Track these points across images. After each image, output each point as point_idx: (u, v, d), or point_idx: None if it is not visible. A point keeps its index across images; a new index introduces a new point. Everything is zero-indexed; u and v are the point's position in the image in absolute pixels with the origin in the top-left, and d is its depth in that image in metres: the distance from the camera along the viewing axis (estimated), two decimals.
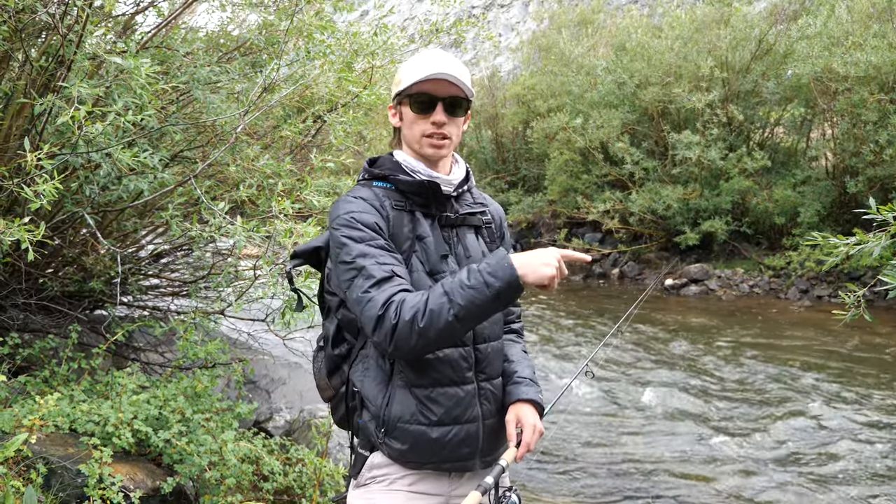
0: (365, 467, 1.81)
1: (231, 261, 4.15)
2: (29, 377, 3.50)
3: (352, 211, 1.74)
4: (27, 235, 2.44)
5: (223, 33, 4.59)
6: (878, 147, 11.17)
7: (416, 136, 1.81)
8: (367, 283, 1.65)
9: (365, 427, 1.80)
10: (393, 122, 1.88)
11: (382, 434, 1.76)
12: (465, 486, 1.84)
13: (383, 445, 1.77)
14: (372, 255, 1.69)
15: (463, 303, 1.57)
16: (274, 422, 4.87)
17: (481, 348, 1.83)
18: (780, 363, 7.90)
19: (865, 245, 2.71)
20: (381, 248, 1.71)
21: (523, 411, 1.85)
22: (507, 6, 31.90)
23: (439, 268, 1.79)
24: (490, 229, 1.98)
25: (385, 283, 1.65)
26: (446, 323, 1.58)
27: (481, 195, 2.02)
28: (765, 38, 13.55)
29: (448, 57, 1.82)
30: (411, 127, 1.81)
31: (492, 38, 6.66)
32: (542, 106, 16.82)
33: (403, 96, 1.81)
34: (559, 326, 10.09)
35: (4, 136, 3.31)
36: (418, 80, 1.76)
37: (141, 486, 3.01)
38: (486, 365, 1.84)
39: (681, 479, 4.96)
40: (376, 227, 1.73)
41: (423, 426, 1.73)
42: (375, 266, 1.66)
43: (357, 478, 1.84)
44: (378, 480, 1.80)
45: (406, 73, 1.80)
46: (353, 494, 1.86)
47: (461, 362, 1.78)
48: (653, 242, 14.66)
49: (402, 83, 1.80)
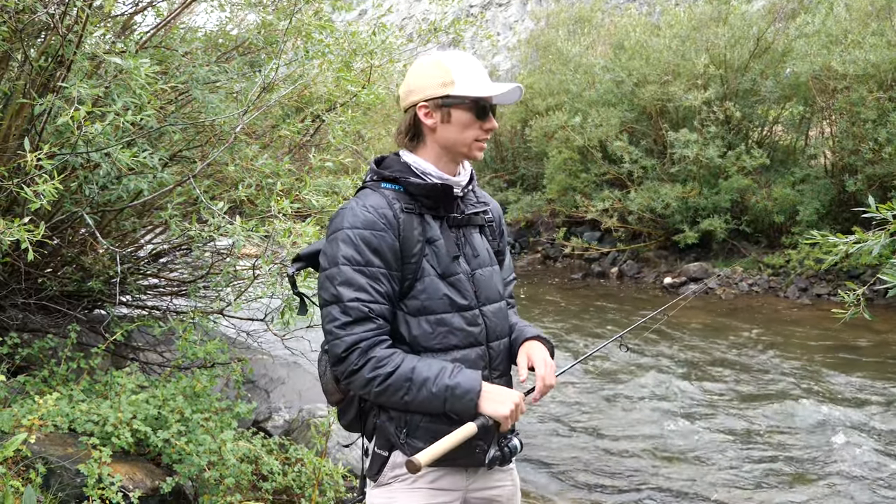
0: (387, 467, 1.83)
1: (230, 260, 4.15)
2: (28, 377, 3.50)
3: (358, 226, 1.72)
4: (27, 235, 2.44)
5: (222, 33, 4.58)
6: (877, 145, 11.16)
7: (467, 140, 1.81)
8: (339, 318, 1.70)
9: (383, 428, 1.82)
10: (429, 123, 1.81)
11: (404, 435, 1.78)
12: (480, 480, 1.89)
13: (405, 446, 1.78)
14: (357, 286, 1.70)
15: (418, 398, 1.69)
16: (273, 421, 4.87)
17: (494, 346, 1.89)
18: (780, 361, 7.91)
19: (865, 243, 2.71)
20: (373, 277, 1.71)
21: (533, 348, 1.90)
22: (506, 5, 31.88)
23: (451, 270, 1.81)
24: (491, 227, 2.02)
25: (355, 325, 1.70)
26: (397, 401, 1.71)
27: (482, 193, 2.04)
28: (763, 36, 13.54)
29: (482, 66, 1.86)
30: (463, 131, 1.80)
31: (490, 36, 6.67)
32: (541, 105, 16.80)
33: (460, 100, 1.78)
34: (560, 326, 10.10)
35: (4, 136, 3.31)
36: (497, 94, 1.78)
37: (140, 486, 3.01)
38: (499, 362, 1.90)
39: (676, 475, 4.96)
40: (380, 248, 1.72)
41: (444, 426, 1.74)
42: (354, 301, 1.69)
43: (377, 478, 1.85)
44: (401, 479, 1.82)
45: (465, 79, 1.78)
46: (372, 493, 1.88)
47: (479, 362, 1.83)
48: (652, 241, 14.67)
49: (458, 87, 1.78)
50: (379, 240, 1.72)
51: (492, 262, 1.95)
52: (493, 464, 1.80)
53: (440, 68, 1.80)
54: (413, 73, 1.85)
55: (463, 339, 1.81)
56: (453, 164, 1.86)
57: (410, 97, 1.83)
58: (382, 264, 1.72)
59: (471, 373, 1.73)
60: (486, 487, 1.92)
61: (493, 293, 1.91)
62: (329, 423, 3.90)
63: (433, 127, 1.81)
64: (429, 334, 1.77)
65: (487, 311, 1.88)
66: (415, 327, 1.77)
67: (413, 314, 1.78)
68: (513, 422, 1.73)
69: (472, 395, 1.69)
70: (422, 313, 1.78)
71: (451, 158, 1.85)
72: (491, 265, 1.94)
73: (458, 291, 1.81)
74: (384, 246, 1.72)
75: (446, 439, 1.64)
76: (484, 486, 1.91)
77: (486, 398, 1.70)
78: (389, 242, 1.73)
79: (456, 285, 1.81)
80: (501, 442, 1.81)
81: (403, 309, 1.78)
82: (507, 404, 1.71)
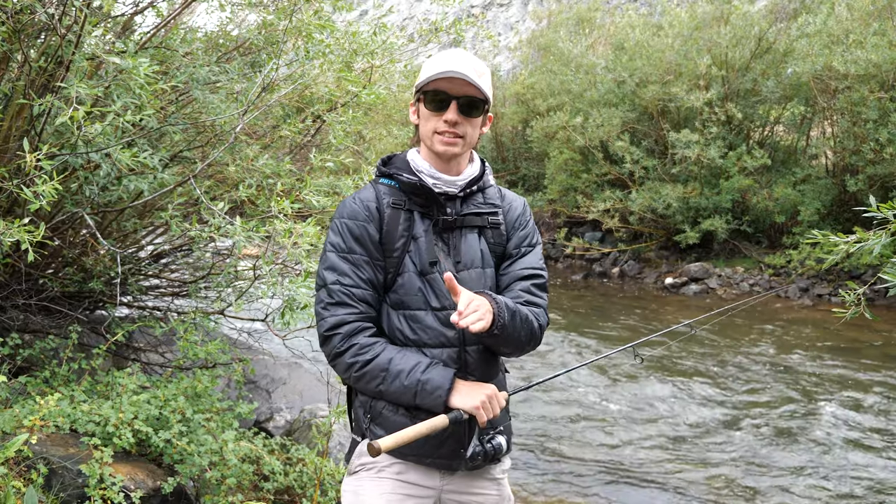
0: (355, 454, 1.87)
1: (231, 261, 4.15)
2: (29, 378, 3.50)
3: (344, 216, 1.82)
4: (27, 236, 2.44)
5: (222, 33, 4.58)
6: (878, 145, 11.16)
7: (428, 133, 1.83)
8: (324, 299, 1.79)
9: (356, 412, 1.89)
10: (412, 119, 1.89)
11: (368, 420, 1.83)
12: (457, 482, 1.86)
13: (368, 431, 1.83)
14: (340, 270, 1.78)
15: (391, 389, 1.73)
16: (274, 421, 4.87)
17: (471, 350, 1.82)
18: (781, 361, 7.90)
19: (865, 243, 2.70)
20: (355, 263, 1.79)
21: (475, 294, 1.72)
22: (507, 5, 31.87)
23: (429, 270, 1.82)
24: (497, 230, 1.92)
25: (337, 307, 1.77)
26: (372, 389, 1.77)
27: (498, 194, 1.96)
28: (764, 36, 13.54)
29: (468, 57, 1.81)
30: (425, 123, 1.83)
31: (491, 37, 6.67)
32: (542, 105, 16.81)
33: (420, 93, 1.82)
34: (561, 326, 10.09)
35: (4, 137, 3.31)
36: (434, 77, 1.77)
37: (141, 487, 3.01)
38: (476, 367, 1.83)
39: (677, 475, 4.96)
40: (361, 237, 1.80)
41: (405, 418, 1.76)
42: (335, 284, 1.78)
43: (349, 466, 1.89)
44: (367, 468, 1.84)
45: (425, 70, 1.82)
46: (345, 482, 1.90)
47: (450, 364, 1.79)
48: (653, 241, 14.66)
49: (420, 79, 1.83)
50: (360, 230, 1.80)
51: (484, 264, 1.88)
52: (476, 458, 1.76)
53: (424, 65, 1.85)
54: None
55: (434, 338, 1.79)
56: (437, 161, 1.84)
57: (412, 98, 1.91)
58: (364, 252, 1.80)
59: (444, 370, 1.73)
60: (464, 492, 1.87)
61: None
62: (330, 423, 3.90)
63: (416, 124, 1.88)
64: (404, 329, 1.80)
65: None
66: (394, 320, 1.82)
67: (393, 307, 1.83)
68: (489, 416, 1.71)
69: (440, 392, 1.69)
70: (399, 307, 1.82)
71: (432, 155, 1.86)
72: (482, 267, 1.88)
73: (433, 291, 1.80)
74: (365, 236, 1.80)
75: (413, 428, 1.63)
76: (462, 491, 1.87)
77: (456, 393, 1.71)
78: (370, 233, 1.80)
79: (432, 284, 1.81)
80: (483, 437, 1.78)
81: (387, 302, 1.84)
82: (477, 396, 1.70)
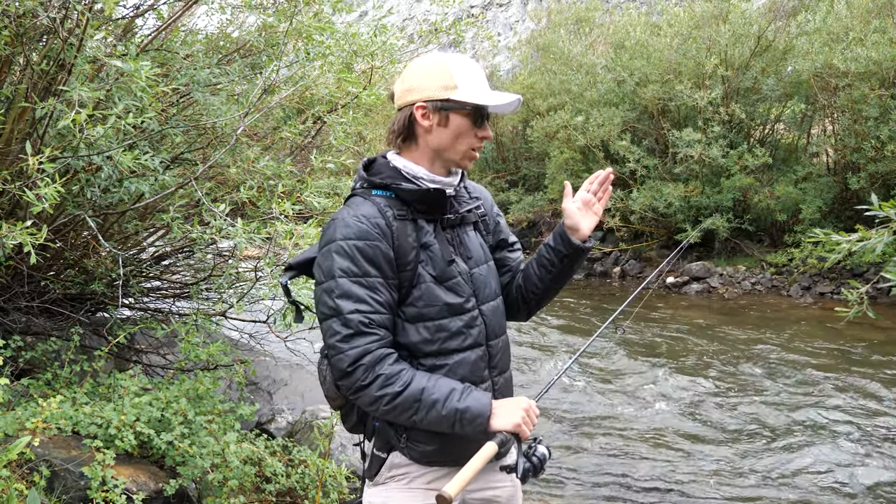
0: (384, 467, 1.82)
1: (232, 262, 4.16)
2: (31, 380, 3.51)
3: (351, 238, 1.68)
4: (29, 238, 2.44)
5: (223, 35, 4.58)
6: (879, 143, 11.14)
7: (461, 148, 1.78)
8: (340, 331, 1.65)
9: (383, 430, 1.80)
10: (423, 123, 1.75)
11: (405, 439, 1.77)
12: (479, 480, 1.85)
13: (405, 448, 1.78)
14: (356, 297, 1.66)
15: (427, 419, 1.66)
16: (276, 423, 4.87)
17: (493, 344, 1.87)
18: (783, 360, 7.89)
19: (868, 241, 2.71)
20: (371, 287, 1.67)
21: None
22: (506, 5, 31.87)
23: (448, 273, 1.78)
24: (485, 222, 1.97)
25: (357, 337, 1.65)
26: (405, 420, 1.69)
27: (473, 186, 1.99)
28: (764, 34, 13.53)
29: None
30: (458, 137, 1.76)
31: (490, 37, 6.68)
32: (542, 105, 16.79)
33: (461, 106, 1.74)
34: (562, 326, 10.09)
35: (6, 140, 3.32)
36: (498, 104, 1.76)
37: (144, 489, 3.01)
38: (498, 360, 1.88)
39: (677, 475, 4.96)
40: (375, 258, 1.68)
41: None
42: (354, 313, 1.65)
43: (375, 478, 1.85)
44: (397, 479, 1.82)
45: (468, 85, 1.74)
46: (369, 492, 1.88)
47: (479, 363, 1.81)
48: (654, 240, 14.65)
49: (460, 92, 1.73)
50: (374, 249, 1.68)
51: (486, 258, 1.92)
52: (527, 476, 1.73)
53: (443, 70, 1.74)
54: (413, 72, 1.77)
55: (462, 342, 1.78)
56: (431, 166, 1.80)
57: (408, 96, 1.76)
58: (379, 274, 1.68)
59: (480, 394, 1.70)
60: (484, 488, 1.90)
61: (491, 291, 1.90)
62: (332, 425, 3.90)
63: (429, 129, 1.75)
64: (428, 340, 1.75)
65: (486, 309, 1.86)
66: (413, 334, 1.74)
67: (411, 321, 1.75)
68: (530, 430, 1.69)
69: (481, 420, 1.66)
70: (420, 320, 1.75)
71: (442, 163, 1.81)
72: (486, 262, 1.91)
73: (456, 294, 1.78)
74: (379, 255, 1.68)
75: (470, 466, 1.58)
76: (482, 487, 1.89)
77: (495, 416, 1.67)
78: (384, 252, 1.69)
79: (454, 289, 1.78)
80: (528, 452, 1.75)
81: (401, 316, 1.75)
82: (516, 413, 1.68)
